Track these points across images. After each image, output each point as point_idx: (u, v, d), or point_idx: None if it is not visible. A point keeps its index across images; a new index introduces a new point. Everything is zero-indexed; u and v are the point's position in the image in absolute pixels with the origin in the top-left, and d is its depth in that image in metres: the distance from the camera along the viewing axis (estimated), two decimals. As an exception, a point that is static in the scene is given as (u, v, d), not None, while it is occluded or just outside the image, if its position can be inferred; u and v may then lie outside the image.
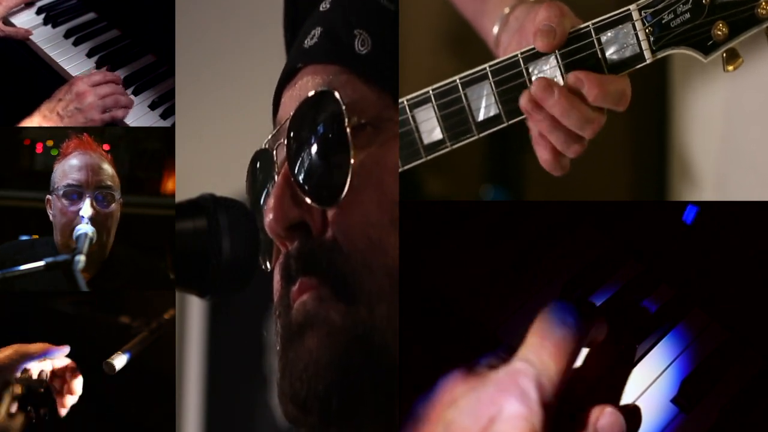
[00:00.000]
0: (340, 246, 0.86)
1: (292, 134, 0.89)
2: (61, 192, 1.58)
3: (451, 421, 0.74)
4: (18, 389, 1.10)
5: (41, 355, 1.20)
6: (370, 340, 0.84)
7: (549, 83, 0.99)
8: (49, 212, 1.63)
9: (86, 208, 1.56)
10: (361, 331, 0.84)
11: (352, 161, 0.86)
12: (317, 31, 0.93)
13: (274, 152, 0.93)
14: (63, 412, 1.20)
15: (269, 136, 0.94)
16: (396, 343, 0.84)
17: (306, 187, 0.88)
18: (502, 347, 0.80)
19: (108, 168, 1.63)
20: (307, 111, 0.89)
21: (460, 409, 0.74)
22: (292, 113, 0.90)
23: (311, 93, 0.89)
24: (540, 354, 0.75)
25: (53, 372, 1.19)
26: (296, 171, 0.89)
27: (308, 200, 0.87)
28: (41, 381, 1.13)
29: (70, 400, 1.21)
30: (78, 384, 1.22)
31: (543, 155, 1.05)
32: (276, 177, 0.91)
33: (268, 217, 0.88)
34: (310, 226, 0.88)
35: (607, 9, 1.00)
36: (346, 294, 0.85)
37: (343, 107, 0.86)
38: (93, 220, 1.56)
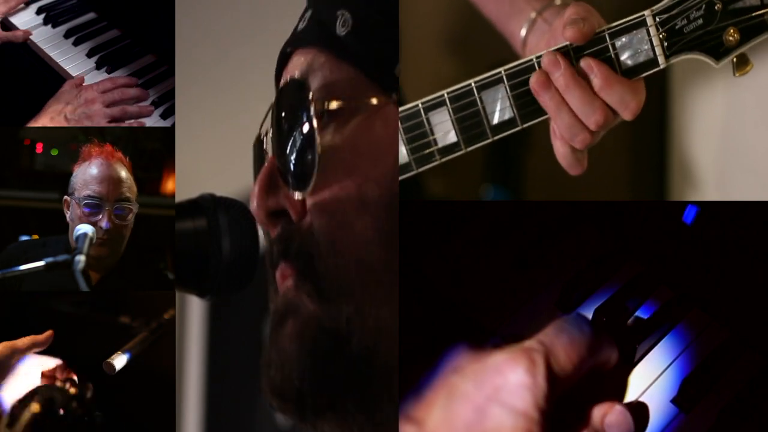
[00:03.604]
0: (313, 232, 0.85)
1: (273, 121, 0.90)
2: (82, 203, 1.61)
3: (455, 387, 0.73)
4: (35, 408, 1.10)
5: (30, 348, 1.22)
6: (346, 340, 0.82)
7: (557, 57, 1.01)
8: (66, 213, 1.65)
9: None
10: (331, 325, 0.83)
11: (318, 146, 0.85)
12: (308, 13, 0.93)
13: (264, 139, 0.93)
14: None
15: (261, 125, 0.94)
16: (389, 343, 0.83)
17: (284, 173, 0.88)
18: (509, 334, 0.80)
19: (127, 178, 1.66)
20: (283, 98, 0.90)
21: (464, 375, 0.74)
22: (273, 101, 0.91)
23: (284, 80, 0.90)
24: (554, 342, 0.75)
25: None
26: (277, 157, 0.89)
27: (286, 186, 0.87)
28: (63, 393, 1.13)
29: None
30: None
31: (558, 148, 1.06)
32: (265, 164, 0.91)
33: (252, 203, 0.88)
34: (290, 213, 0.87)
35: (621, 14, 1.01)
36: (316, 284, 0.84)
37: (310, 92, 0.86)
38: (110, 230, 1.60)
